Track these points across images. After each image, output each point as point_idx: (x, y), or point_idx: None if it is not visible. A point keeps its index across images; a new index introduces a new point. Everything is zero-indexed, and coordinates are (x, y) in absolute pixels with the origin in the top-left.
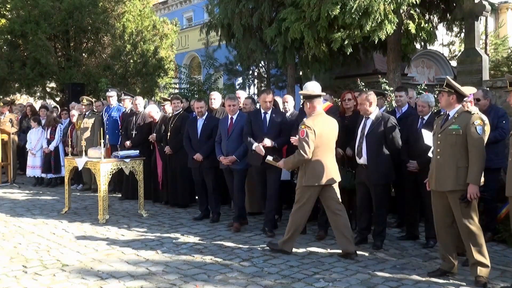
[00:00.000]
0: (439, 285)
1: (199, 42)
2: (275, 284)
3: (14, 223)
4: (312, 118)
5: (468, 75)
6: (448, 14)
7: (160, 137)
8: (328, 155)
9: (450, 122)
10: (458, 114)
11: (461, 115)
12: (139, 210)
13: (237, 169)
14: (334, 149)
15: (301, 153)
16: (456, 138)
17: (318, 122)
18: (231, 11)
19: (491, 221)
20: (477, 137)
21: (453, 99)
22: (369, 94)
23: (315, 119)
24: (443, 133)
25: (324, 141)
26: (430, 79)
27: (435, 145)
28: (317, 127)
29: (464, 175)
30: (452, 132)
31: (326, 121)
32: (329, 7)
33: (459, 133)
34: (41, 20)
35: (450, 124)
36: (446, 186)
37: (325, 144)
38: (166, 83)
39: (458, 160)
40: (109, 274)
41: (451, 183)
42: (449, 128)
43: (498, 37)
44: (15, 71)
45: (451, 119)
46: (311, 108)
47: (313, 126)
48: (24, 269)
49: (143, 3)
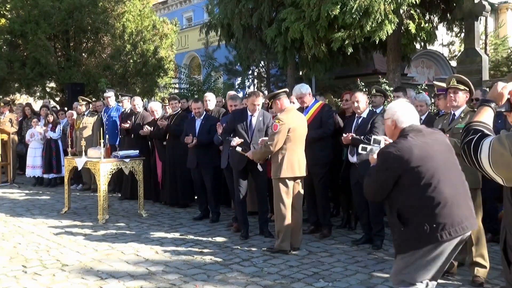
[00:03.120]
0: (438, 285)
1: (199, 42)
2: (274, 284)
3: (14, 223)
4: (285, 113)
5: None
6: (448, 14)
7: (159, 135)
8: (300, 149)
9: (457, 121)
10: (464, 114)
11: (468, 114)
12: (138, 210)
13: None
14: (304, 142)
15: (269, 145)
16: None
17: (291, 117)
18: (230, 11)
19: (491, 222)
20: None
21: (467, 96)
22: (360, 93)
23: (288, 115)
24: (449, 132)
25: (297, 135)
26: (430, 79)
27: None
28: (290, 122)
29: (468, 173)
30: (459, 131)
31: (297, 116)
32: (329, 7)
33: None
34: (41, 20)
35: (457, 123)
36: None
37: (298, 138)
38: (166, 83)
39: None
40: (108, 274)
41: None
42: (456, 127)
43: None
44: (15, 71)
45: (457, 118)
46: (280, 104)
47: (286, 121)
48: (24, 269)
49: (143, 3)
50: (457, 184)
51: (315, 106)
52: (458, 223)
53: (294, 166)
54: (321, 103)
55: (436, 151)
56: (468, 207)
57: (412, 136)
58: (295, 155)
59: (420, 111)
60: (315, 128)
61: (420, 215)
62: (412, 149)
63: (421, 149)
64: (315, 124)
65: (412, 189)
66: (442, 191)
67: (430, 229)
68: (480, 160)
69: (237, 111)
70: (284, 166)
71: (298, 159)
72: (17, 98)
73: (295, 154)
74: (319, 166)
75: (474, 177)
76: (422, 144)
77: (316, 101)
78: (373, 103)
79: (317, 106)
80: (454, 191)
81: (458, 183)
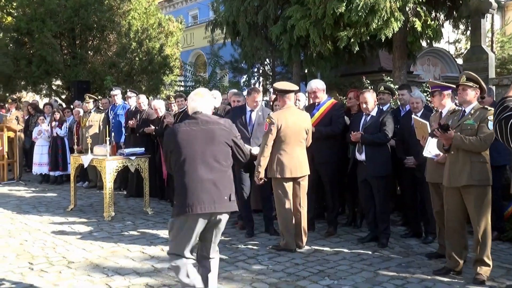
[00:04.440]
0: (444, 283)
1: (204, 40)
2: (280, 282)
3: (20, 220)
4: (278, 112)
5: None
6: (454, 12)
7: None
8: (297, 148)
9: (466, 117)
10: (474, 110)
11: (478, 111)
12: (144, 207)
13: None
14: (303, 142)
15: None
16: (470, 133)
17: (284, 115)
18: (236, 9)
19: (497, 220)
20: (486, 130)
21: (477, 93)
22: (368, 92)
23: (281, 113)
24: (458, 128)
25: (289, 133)
26: (436, 77)
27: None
28: (282, 121)
29: (478, 169)
30: (467, 127)
31: (293, 114)
32: (335, 5)
33: (474, 128)
34: (47, 18)
35: (466, 119)
36: (460, 181)
37: (292, 137)
38: (171, 80)
39: (472, 155)
40: (114, 271)
41: (465, 178)
42: (464, 123)
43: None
44: (21, 68)
45: (467, 115)
46: (282, 102)
47: (276, 120)
48: (30, 266)
49: (148, 1)
50: (209, 171)
51: (327, 104)
52: (201, 204)
53: (286, 167)
54: (333, 101)
55: (198, 139)
56: (216, 192)
57: (186, 122)
58: (287, 155)
59: (416, 108)
60: (325, 125)
61: (178, 189)
62: (176, 133)
63: (184, 134)
64: (325, 122)
65: (175, 166)
66: (195, 174)
67: (182, 203)
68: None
69: (236, 108)
70: (274, 166)
71: (293, 159)
72: (23, 96)
73: (287, 154)
74: (327, 165)
75: (483, 175)
76: (188, 130)
77: (329, 99)
78: (381, 100)
79: (329, 104)
80: (206, 177)
81: (212, 170)
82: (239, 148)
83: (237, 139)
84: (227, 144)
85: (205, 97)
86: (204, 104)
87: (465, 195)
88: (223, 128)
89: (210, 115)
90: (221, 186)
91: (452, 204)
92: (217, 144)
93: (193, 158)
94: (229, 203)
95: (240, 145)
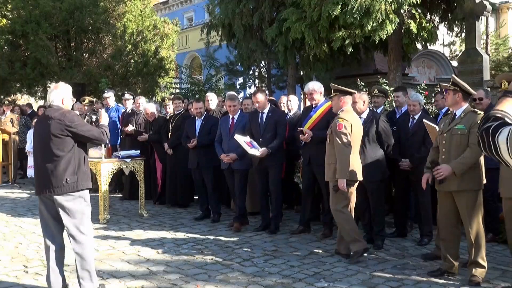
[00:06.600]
0: (439, 285)
1: (200, 42)
2: (276, 284)
3: (15, 223)
4: (345, 113)
5: (469, 75)
6: (449, 14)
7: (157, 138)
8: (357, 152)
9: (456, 121)
10: (464, 114)
11: (468, 115)
12: (139, 210)
13: (239, 170)
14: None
15: (346, 144)
16: (461, 138)
17: (352, 118)
18: (231, 11)
19: (492, 222)
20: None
21: (459, 97)
22: (361, 94)
23: (348, 115)
24: (448, 133)
25: (356, 138)
26: (430, 79)
27: (440, 144)
28: (353, 123)
29: (469, 175)
30: (457, 132)
31: (356, 118)
32: (330, 7)
33: (464, 133)
34: (42, 20)
35: (456, 124)
36: (450, 186)
37: (356, 141)
38: (167, 83)
39: None
40: (110, 274)
41: (456, 183)
42: (455, 128)
43: (499, 37)
44: (16, 71)
45: (457, 118)
46: (343, 103)
47: (350, 121)
48: (25, 269)
49: (143, 3)
50: (43, 161)
51: (324, 106)
52: (38, 187)
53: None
54: (330, 104)
55: (38, 133)
56: (46, 178)
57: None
58: (357, 157)
59: (413, 110)
60: (321, 128)
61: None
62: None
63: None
64: (321, 125)
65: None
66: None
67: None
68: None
69: (252, 113)
70: (352, 168)
71: (359, 162)
72: (18, 98)
73: (356, 156)
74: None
75: (474, 180)
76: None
77: (326, 101)
78: (374, 103)
79: (326, 106)
80: (41, 165)
81: (44, 161)
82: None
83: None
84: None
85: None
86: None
87: (457, 199)
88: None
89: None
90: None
91: (445, 206)
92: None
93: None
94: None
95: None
